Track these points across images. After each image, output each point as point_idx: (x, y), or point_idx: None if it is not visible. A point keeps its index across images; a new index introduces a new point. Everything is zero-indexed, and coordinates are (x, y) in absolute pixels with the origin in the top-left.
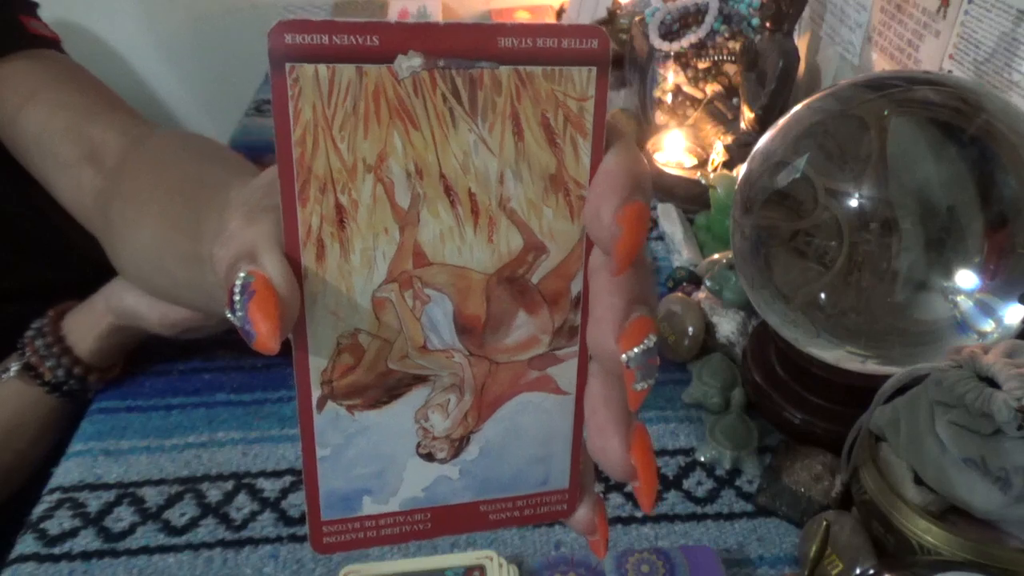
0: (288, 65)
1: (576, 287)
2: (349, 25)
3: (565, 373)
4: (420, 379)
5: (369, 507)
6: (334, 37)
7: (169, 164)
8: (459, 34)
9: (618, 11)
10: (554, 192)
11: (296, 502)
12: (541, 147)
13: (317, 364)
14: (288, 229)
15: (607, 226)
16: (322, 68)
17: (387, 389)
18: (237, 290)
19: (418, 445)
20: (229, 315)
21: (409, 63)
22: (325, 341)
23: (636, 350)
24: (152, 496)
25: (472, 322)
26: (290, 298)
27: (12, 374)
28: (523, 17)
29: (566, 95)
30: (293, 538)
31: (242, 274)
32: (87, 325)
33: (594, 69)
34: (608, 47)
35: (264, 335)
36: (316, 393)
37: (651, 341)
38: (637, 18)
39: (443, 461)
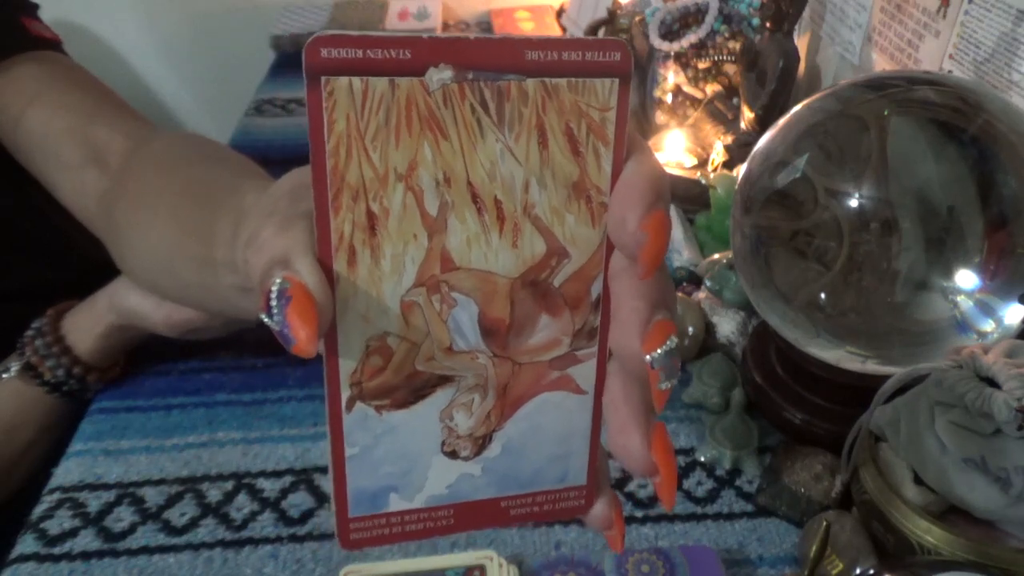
0: (323, 78)
1: (596, 290)
2: (382, 40)
3: (585, 373)
4: (445, 380)
5: (395, 504)
6: (368, 51)
7: (175, 166)
8: (488, 48)
9: (618, 11)
10: (576, 199)
11: (296, 502)
12: (565, 156)
13: (347, 366)
14: (321, 236)
15: (632, 233)
16: (356, 81)
17: (414, 390)
18: (274, 296)
19: (443, 444)
20: (266, 319)
21: (440, 76)
22: (355, 344)
23: (659, 351)
24: (152, 496)
25: (496, 324)
26: (325, 303)
27: (12, 374)
28: (523, 16)
29: (589, 106)
30: (293, 538)
31: (278, 280)
32: (87, 325)
33: (616, 81)
34: (630, 60)
35: (303, 340)
36: (345, 394)
37: (673, 342)
38: (637, 18)
39: (466, 459)
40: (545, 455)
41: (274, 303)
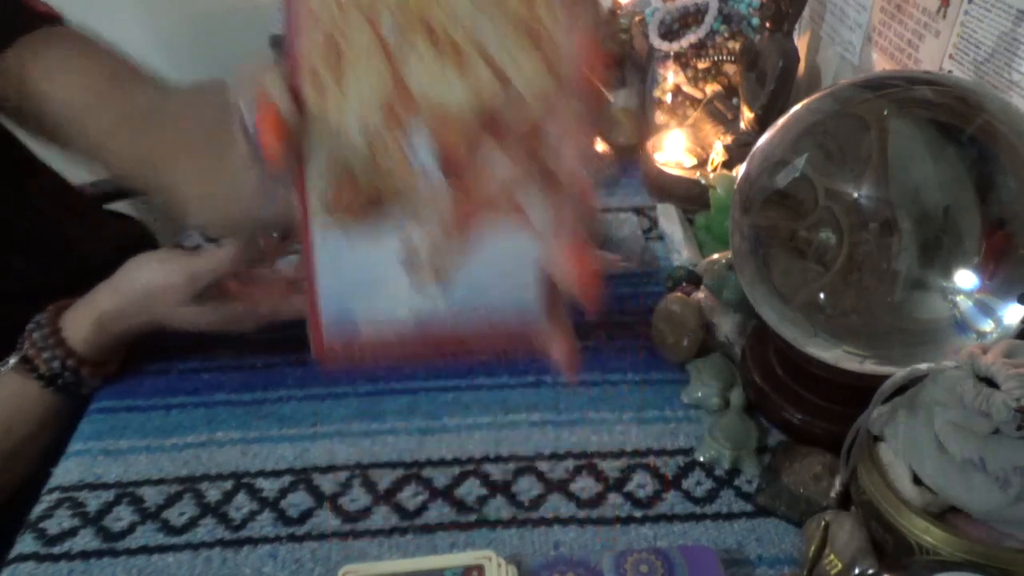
0: None
1: (549, 129)
2: None
3: (535, 206)
4: (404, 202)
5: (363, 321)
6: None
7: (200, 113)
8: None
9: (618, 11)
10: (529, 40)
11: (295, 502)
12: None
13: (316, 187)
14: (290, 65)
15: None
16: None
17: (375, 209)
18: (249, 115)
19: (403, 263)
20: (244, 137)
21: None
22: (322, 165)
23: (591, 168)
24: (151, 496)
25: (451, 153)
26: (293, 121)
27: (9, 367)
28: None
29: None
30: (292, 538)
31: (254, 103)
32: (83, 317)
33: None
34: None
35: (271, 148)
36: (315, 212)
37: (605, 163)
38: (637, 18)
39: (426, 288)
40: (500, 284)
41: (249, 121)
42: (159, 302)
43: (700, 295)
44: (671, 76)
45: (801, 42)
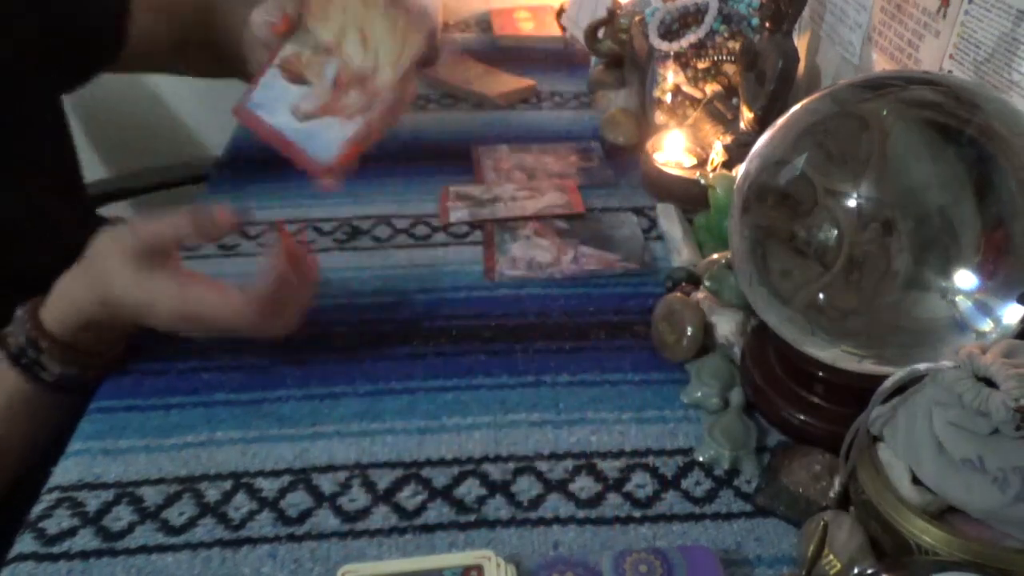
0: None
1: (380, 86)
2: None
3: (360, 117)
4: (311, 85)
5: (266, 117)
6: None
7: None
8: None
9: (618, 11)
10: (393, 43)
11: (294, 502)
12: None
13: (283, 53)
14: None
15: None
16: None
17: (298, 77)
18: (272, 15)
19: (293, 110)
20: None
21: None
22: (289, 48)
23: (395, 109)
24: (151, 495)
25: (340, 80)
26: (293, 19)
27: None
28: (523, 16)
29: None
30: (291, 537)
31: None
32: (54, 292)
33: None
34: None
35: (279, 25)
36: (276, 62)
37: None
38: (637, 18)
39: (298, 119)
40: (327, 139)
41: (271, 16)
42: (106, 265)
43: (700, 295)
44: (671, 76)
45: (801, 42)
